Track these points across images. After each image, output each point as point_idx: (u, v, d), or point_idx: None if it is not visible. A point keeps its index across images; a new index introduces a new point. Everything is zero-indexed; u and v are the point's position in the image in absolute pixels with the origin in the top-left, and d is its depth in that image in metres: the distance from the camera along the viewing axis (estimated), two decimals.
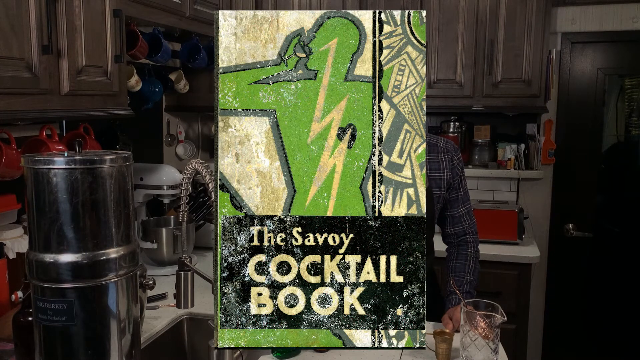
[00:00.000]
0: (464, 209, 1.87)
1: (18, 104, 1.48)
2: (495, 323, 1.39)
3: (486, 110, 3.07)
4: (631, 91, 3.26)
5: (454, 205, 1.86)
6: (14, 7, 1.45)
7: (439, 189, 1.82)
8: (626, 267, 3.28)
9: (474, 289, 1.79)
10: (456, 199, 1.86)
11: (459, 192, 1.86)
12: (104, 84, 1.81)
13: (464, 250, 1.86)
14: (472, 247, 1.87)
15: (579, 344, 3.40)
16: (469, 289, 1.77)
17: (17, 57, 1.46)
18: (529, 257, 2.79)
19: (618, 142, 3.33)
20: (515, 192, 3.35)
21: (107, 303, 1.11)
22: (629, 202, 3.29)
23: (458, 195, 1.86)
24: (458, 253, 1.86)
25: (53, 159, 1.06)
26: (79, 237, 1.07)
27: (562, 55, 3.25)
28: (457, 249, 1.87)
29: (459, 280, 1.77)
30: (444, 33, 3.06)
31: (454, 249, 1.89)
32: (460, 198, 1.86)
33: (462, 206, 1.87)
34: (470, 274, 1.80)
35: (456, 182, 1.84)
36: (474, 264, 1.84)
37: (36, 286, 1.09)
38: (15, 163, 1.71)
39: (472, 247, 1.87)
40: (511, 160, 3.21)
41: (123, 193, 1.13)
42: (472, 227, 1.89)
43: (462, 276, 1.79)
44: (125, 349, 1.16)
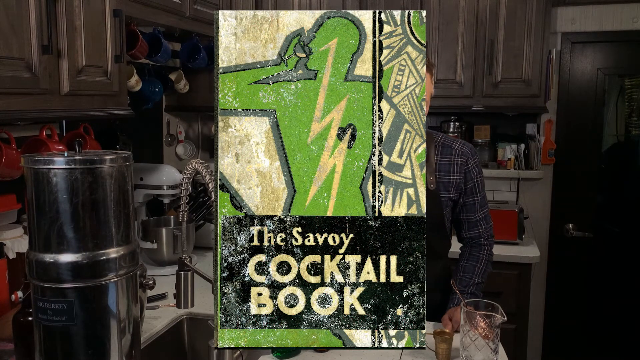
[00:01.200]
0: (481, 213, 1.82)
1: (18, 104, 1.48)
2: (495, 323, 1.39)
3: (486, 110, 3.07)
4: (631, 91, 3.26)
5: (470, 210, 1.81)
6: (14, 7, 1.45)
7: (447, 192, 1.77)
8: (626, 267, 3.28)
9: (480, 291, 1.77)
10: (472, 203, 1.80)
11: (475, 197, 1.80)
12: (104, 84, 1.81)
13: (476, 252, 1.83)
14: (486, 250, 1.83)
15: (579, 343, 3.40)
16: (474, 290, 1.75)
17: (17, 57, 1.46)
18: (529, 257, 2.79)
19: (618, 142, 3.33)
20: (515, 192, 3.35)
21: (107, 303, 1.11)
22: (629, 202, 3.29)
23: (475, 200, 1.80)
24: (470, 254, 1.83)
25: (53, 159, 1.06)
26: (79, 237, 1.07)
27: (562, 55, 3.25)
28: (470, 250, 1.85)
29: (465, 280, 1.76)
30: (444, 33, 3.05)
31: (467, 249, 1.86)
32: (477, 203, 1.80)
33: (480, 211, 1.81)
34: (479, 276, 1.78)
35: (471, 186, 1.79)
36: (485, 266, 1.81)
37: (36, 286, 1.09)
38: (15, 163, 1.71)
39: (486, 250, 1.83)
40: (511, 160, 3.21)
41: (123, 193, 1.13)
42: (489, 231, 1.85)
43: (469, 277, 1.77)
44: (125, 349, 1.16)
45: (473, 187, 1.79)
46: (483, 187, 1.82)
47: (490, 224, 1.86)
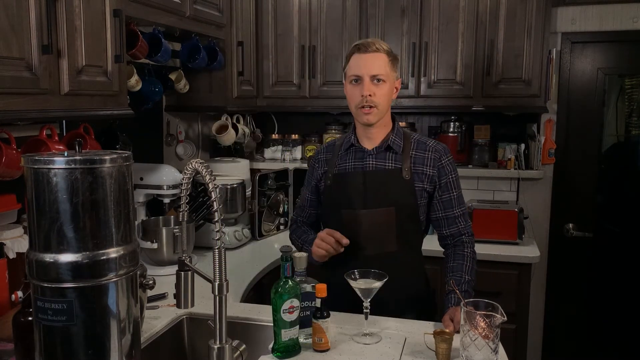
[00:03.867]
0: (459, 210, 1.88)
1: (18, 104, 1.49)
2: (495, 323, 1.39)
3: (486, 110, 3.07)
4: (631, 91, 3.26)
5: (447, 206, 1.86)
6: (14, 7, 1.45)
7: (422, 182, 1.84)
8: (626, 267, 3.28)
9: (472, 288, 1.79)
10: (449, 199, 1.86)
11: (451, 193, 1.86)
12: (104, 83, 1.82)
13: (460, 250, 1.86)
14: (469, 247, 1.87)
15: (579, 344, 3.39)
16: (467, 288, 1.77)
17: (17, 57, 1.46)
18: (529, 257, 2.78)
19: (618, 142, 3.32)
20: (515, 192, 3.34)
21: (107, 303, 1.11)
22: (629, 202, 3.29)
23: (451, 196, 1.86)
24: (455, 253, 1.86)
25: (53, 159, 1.06)
26: (79, 237, 1.07)
27: (562, 55, 3.25)
28: (454, 249, 1.87)
29: (456, 279, 1.78)
30: (444, 33, 3.05)
31: (450, 250, 1.89)
32: (454, 199, 1.86)
33: (457, 208, 1.87)
34: (468, 274, 1.80)
35: (445, 182, 1.85)
36: (471, 263, 1.84)
37: (36, 286, 1.09)
38: (15, 163, 1.71)
39: (469, 248, 1.87)
40: (511, 160, 3.21)
41: (123, 193, 1.13)
42: (468, 229, 1.90)
43: (459, 275, 1.79)
44: (125, 349, 1.16)
45: (448, 183, 1.86)
46: (459, 186, 1.89)
47: (468, 223, 1.91)
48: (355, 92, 1.80)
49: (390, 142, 1.86)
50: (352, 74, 1.81)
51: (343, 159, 1.91)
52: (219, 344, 1.30)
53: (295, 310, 1.48)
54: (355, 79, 1.80)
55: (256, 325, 1.78)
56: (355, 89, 1.80)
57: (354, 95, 1.81)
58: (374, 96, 1.77)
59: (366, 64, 1.78)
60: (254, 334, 1.77)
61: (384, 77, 1.78)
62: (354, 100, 1.81)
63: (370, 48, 1.79)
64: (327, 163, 1.95)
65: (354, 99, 1.81)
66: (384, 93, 1.79)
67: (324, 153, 1.99)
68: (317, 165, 1.99)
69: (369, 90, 1.77)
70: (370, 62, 1.78)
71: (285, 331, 1.48)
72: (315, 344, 1.53)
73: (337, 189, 1.90)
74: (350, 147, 1.90)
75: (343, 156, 1.92)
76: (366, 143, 1.89)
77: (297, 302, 1.48)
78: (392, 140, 1.86)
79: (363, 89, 1.77)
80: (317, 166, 1.99)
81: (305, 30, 3.26)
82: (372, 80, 1.78)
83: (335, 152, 1.95)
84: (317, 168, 1.98)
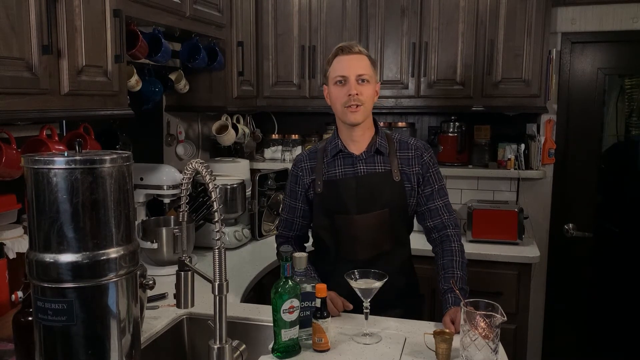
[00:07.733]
0: (441, 202, 1.91)
1: (18, 104, 1.49)
2: (495, 323, 1.39)
3: (486, 110, 3.07)
4: (631, 91, 3.26)
5: (429, 199, 1.90)
6: (14, 7, 1.45)
7: (410, 182, 1.89)
8: (626, 267, 3.28)
9: (465, 284, 1.79)
10: (431, 192, 1.90)
11: (433, 186, 1.91)
12: (104, 84, 1.82)
13: (448, 246, 1.86)
14: (455, 240, 1.88)
15: (579, 343, 3.39)
16: (461, 285, 1.77)
17: (17, 57, 1.46)
18: (529, 257, 2.79)
19: (618, 142, 3.32)
20: (515, 192, 3.34)
21: (107, 303, 1.11)
22: (629, 202, 3.29)
23: (433, 189, 1.90)
24: (443, 250, 1.86)
25: (53, 159, 1.06)
26: (79, 237, 1.06)
27: (562, 55, 3.25)
28: (442, 246, 1.88)
29: (449, 277, 1.78)
30: (444, 33, 3.05)
31: (438, 248, 1.89)
32: (435, 192, 1.91)
33: (439, 199, 1.91)
34: (459, 269, 1.80)
35: (428, 176, 1.90)
36: (461, 257, 1.84)
37: (36, 286, 1.09)
38: (15, 163, 1.71)
39: (455, 241, 1.87)
40: (511, 160, 3.21)
41: (123, 193, 1.13)
42: (452, 221, 1.91)
43: (452, 272, 1.79)
44: (125, 349, 1.15)
45: (430, 177, 1.91)
46: (440, 179, 1.94)
47: (453, 215, 1.93)
48: (341, 92, 1.81)
49: (378, 144, 1.88)
50: (338, 75, 1.82)
51: (331, 166, 1.91)
52: (219, 344, 1.30)
53: (295, 310, 1.48)
54: (340, 79, 1.81)
55: (256, 325, 1.78)
56: (341, 89, 1.81)
57: (340, 96, 1.81)
58: (361, 95, 1.79)
59: (351, 65, 1.80)
60: (254, 334, 1.77)
61: (368, 78, 1.81)
62: (340, 100, 1.82)
63: (353, 49, 1.83)
64: (312, 171, 1.94)
65: (339, 99, 1.82)
66: (369, 93, 1.82)
67: (307, 161, 1.97)
68: (301, 174, 1.96)
69: (355, 89, 1.78)
70: (355, 63, 1.81)
71: (285, 331, 1.48)
72: (315, 344, 1.53)
73: (329, 196, 1.90)
74: (338, 153, 1.90)
75: (330, 163, 1.91)
76: (352, 148, 1.89)
77: (297, 302, 1.48)
78: (379, 143, 1.88)
79: (350, 88, 1.79)
80: (301, 175, 1.96)
81: (305, 31, 3.26)
82: (358, 80, 1.80)
83: (319, 158, 1.94)
84: (302, 177, 1.96)
